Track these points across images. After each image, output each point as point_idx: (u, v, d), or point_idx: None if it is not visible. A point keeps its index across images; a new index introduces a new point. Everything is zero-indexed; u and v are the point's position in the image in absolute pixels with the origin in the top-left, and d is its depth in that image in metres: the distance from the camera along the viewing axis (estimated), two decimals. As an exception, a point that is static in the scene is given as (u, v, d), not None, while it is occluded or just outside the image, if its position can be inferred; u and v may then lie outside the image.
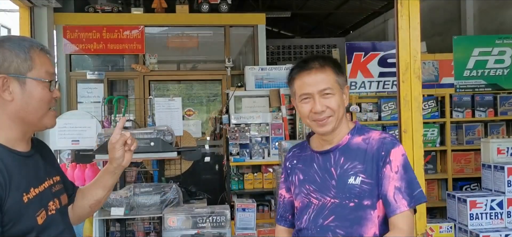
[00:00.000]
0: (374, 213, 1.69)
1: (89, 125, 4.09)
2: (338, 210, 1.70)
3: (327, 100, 1.70)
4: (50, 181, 1.61)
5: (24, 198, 1.45)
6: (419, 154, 2.39)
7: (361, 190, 1.68)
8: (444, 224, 3.71)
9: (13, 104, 1.47)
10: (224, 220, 2.99)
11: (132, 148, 1.69)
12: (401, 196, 1.65)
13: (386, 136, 1.74)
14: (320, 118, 1.71)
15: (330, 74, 1.72)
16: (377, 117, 5.17)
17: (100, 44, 5.65)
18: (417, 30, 2.34)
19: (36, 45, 1.53)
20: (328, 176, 1.75)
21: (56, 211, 1.58)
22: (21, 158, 1.52)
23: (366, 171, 1.69)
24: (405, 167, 1.69)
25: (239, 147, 5.02)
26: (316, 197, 1.76)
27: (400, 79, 2.35)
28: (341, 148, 1.75)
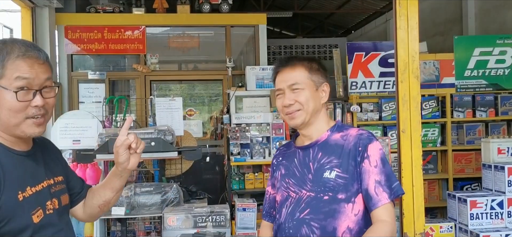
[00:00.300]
0: (348, 207, 1.76)
1: (90, 125, 4.10)
2: (313, 203, 1.78)
3: (295, 94, 1.84)
4: (50, 180, 1.62)
5: (19, 196, 1.46)
6: (417, 154, 2.40)
7: (336, 184, 1.76)
8: (445, 224, 3.71)
9: None
10: (224, 220, 3.00)
11: (138, 151, 1.67)
12: (382, 189, 1.73)
13: (363, 132, 1.83)
14: (290, 111, 1.84)
15: (301, 72, 1.86)
16: (378, 117, 5.17)
17: (102, 44, 5.66)
18: (416, 30, 2.35)
19: (19, 50, 1.49)
20: (306, 170, 1.84)
21: (54, 210, 1.58)
22: (20, 157, 1.53)
23: (341, 166, 1.77)
24: (383, 161, 1.77)
25: (240, 147, 5.02)
26: (294, 191, 1.85)
27: (399, 79, 2.36)
28: (320, 144, 1.86)
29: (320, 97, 1.87)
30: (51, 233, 1.55)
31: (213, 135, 8.43)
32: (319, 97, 1.87)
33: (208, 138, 8.03)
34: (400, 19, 2.35)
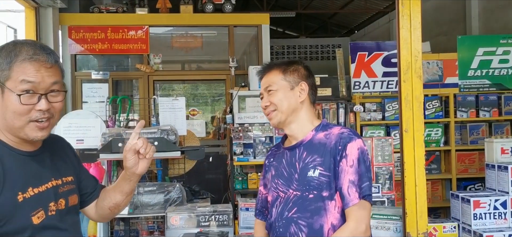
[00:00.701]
0: (332, 204, 1.82)
1: (93, 125, 4.11)
2: (300, 202, 1.85)
3: (270, 96, 1.93)
4: (58, 181, 1.61)
5: (19, 197, 1.46)
6: (420, 154, 2.40)
7: (319, 182, 1.81)
8: (448, 224, 3.70)
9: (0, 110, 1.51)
10: (227, 219, 3.01)
11: (147, 157, 1.65)
12: (354, 189, 1.78)
13: (344, 131, 1.88)
14: (267, 112, 1.96)
15: (275, 75, 1.95)
16: (381, 116, 5.16)
17: (105, 44, 5.68)
18: (418, 30, 2.35)
19: (27, 53, 1.49)
20: (293, 170, 1.90)
21: (57, 212, 1.57)
22: (24, 158, 1.53)
23: (324, 164, 1.83)
24: (359, 161, 1.81)
25: (243, 147, 5.02)
26: (282, 190, 1.92)
27: (402, 78, 2.36)
28: (305, 144, 1.90)
29: (296, 96, 1.92)
30: (52, 235, 1.54)
31: (216, 135, 8.45)
32: (295, 96, 1.92)
33: (211, 138, 8.04)
34: (403, 19, 2.35)
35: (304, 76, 1.97)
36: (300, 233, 1.82)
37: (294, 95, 1.93)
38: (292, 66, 1.98)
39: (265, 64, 2.05)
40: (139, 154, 1.64)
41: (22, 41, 1.55)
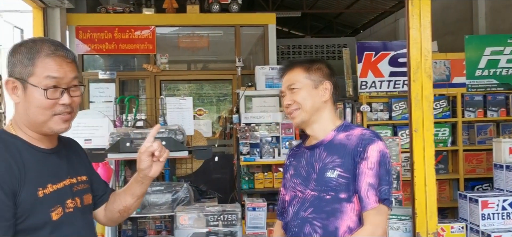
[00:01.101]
0: (350, 206, 1.78)
1: (101, 125, 4.13)
2: (316, 202, 1.82)
3: (293, 94, 1.89)
4: (72, 179, 1.63)
5: (40, 192, 1.48)
6: (430, 153, 2.39)
7: (338, 184, 1.78)
8: (456, 224, 3.68)
9: (20, 106, 1.53)
10: (235, 219, 3.01)
11: (161, 160, 1.65)
12: (373, 192, 1.75)
13: (365, 132, 1.84)
14: (290, 111, 1.91)
15: (298, 73, 1.91)
16: (388, 116, 5.15)
17: (112, 44, 5.69)
18: (428, 30, 2.34)
19: (48, 49, 1.53)
20: (312, 170, 1.87)
21: (74, 209, 1.59)
22: (42, 154, 1.55)
23: (343, 165, 1.79)
24: (379, 164, 1.77)
25: (250, 147, 5.03)
26: (300, 190, 1.89)
27: (411, 78, 2.36)
28: (325, 144, 1.88)
29: (320, 95, 1.90)
30: (70, 232, 1.56)
31: (222, 134, 8.46)
32: (319, 95, 1.90)
33: (216, 138, 8.05)
34: (412, 18, 2.34)
35: (327, 75, 1.94)
36: (315, 234, 1.80)
37: (317, 94, 1.90)
38: (316, 64, 1.94)
39: (287, 61, 2.01)
40: (154, 156, 1.64)
41: (40, 39, 1.58)
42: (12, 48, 1.56)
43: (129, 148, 3.72)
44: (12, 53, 1.54)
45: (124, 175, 4.23)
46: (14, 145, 1.50)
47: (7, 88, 1.53)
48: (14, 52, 1.54)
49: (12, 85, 1.52)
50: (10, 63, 1.53)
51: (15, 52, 1.53)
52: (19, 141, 1.52)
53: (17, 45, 1.56)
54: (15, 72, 1.51)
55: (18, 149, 1.50)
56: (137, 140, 3.73)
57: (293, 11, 8.86)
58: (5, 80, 1.52)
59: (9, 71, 1.54)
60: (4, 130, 1.57)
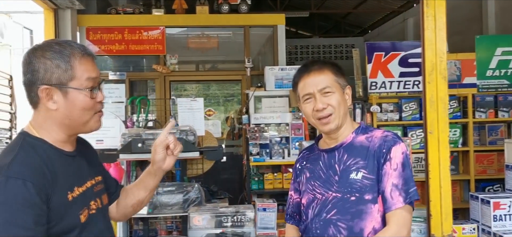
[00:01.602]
0: (375, 207, 1.77)
1: (112, 125, 4.15)
2: (340, 204, 1.80)
3: (327, 98, 1.83)
4: (92, 180, 1.65)
5: (69, 196, 1.49)
6: (445, 155, 2.38)
7: (362, 185, 1.77)
8: (467, 226, 3.66)
9: (58, 112, 1.51)
10: (248, 220, 3.01)
11: (175, 153, 1.71)
12: (398, 193, 1.74)
13: (388, 134, 1.83)
14: (323, 116, 1.82)
15: (328, 75, 1.85)
16: (398, 117, 5.13)
17: (122, 45, 5.71)
18: (443, 31, 2.33)
19: (78, 50, 1.53)
20: (332, 172, 1.85)
21: (97, 210, 1.62)
22: (67, 158, 1.57)
23: (367, 167, 1.78)
24: (404, 165, 1.76)
25: (259, 147, 5.03)
26: (320, 192, 1.86)
27: (426, 79, 2.35)
28: (345, 146, 1.86)
29: (346, 100, 1.89)
30: (95, 233, 1.58)
31: (230, 135, 8.47)
32: (346, 100, 1.88)
33: (224, 138, 8.06)
34: (427, 20, 2.33)
35: (347, 80, 1.92)
36: (339, 235, 1.78)
37: (344, 97, 1.88)
38: (336, 66, 1.91)
39: (312, 61, 1.94)
40: (168, 150, 1.70)
41: (63, 41, 1.56)
42: (33, 54, 1.51)
43: (141, 148, 3.74)
44: (36, 58, 1.49)
45: (136, 175, 4.25)
46: (42, 148, 1.49)
47: (41, 97, 1.49)
48: (38, 57, 1.49)
49: (46, 92, 1.49)
50: (39, 70, 1.48)
51: (39, 57, 1.49)
52: (45, 144, 1.51)
53: (38, 49, 1.51)
54: (52, 79, 1.48)
55: (46, 153, 1.49)
56: (148, 140, 3.75)
57: (301, 11, 8.85)
58: (41, 88, 1.48)
59: (39, 78, 1.48)
60: (27, 132, 1.54)
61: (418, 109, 5.06)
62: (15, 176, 1.37)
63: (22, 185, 1.36)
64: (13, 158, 1.41)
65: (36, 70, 1.48)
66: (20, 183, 1.36)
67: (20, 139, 1.51)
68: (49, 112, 1.51)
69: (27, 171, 1.39)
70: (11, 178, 1.36)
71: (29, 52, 1.52)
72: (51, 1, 4.69)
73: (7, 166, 1.39)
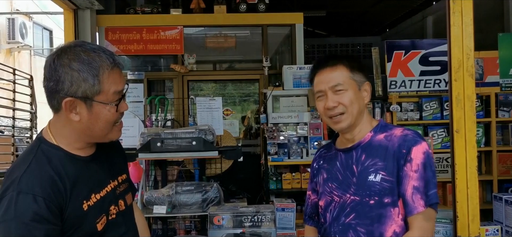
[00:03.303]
0: (395, 211, 1.69)
1: (132, 125, 4.17)
2: (359, 207, 1.73)
3: (338, 96, 1.75)
4: (114, 182, 1.62)
5: (84, 206, 1.45)
6: (472, 155, 2.32)
7: (382, 188, 1.69)
8: (491, 227, 3.59)
9: (79, 123, 1.47)
10: (269, 220, 2.99)
11: None
12: (419, 196, 1.66)
13: (408, 133, 1.73)
14: (334, 114, 1.76)
15: (342, 71, 1.76)
16: (418, 116, 5.05)
17: (140, 45, 5.73)
18: (470, 27, 2.28)
19: (107, 63, 1.45)
20: (350, 173, 1.77)
21: (117, 214, 1.58)
22: (84, 163, 1.52)
23: (386, 169, 1.70)
24: (425, 166, 1.67)
25: (277, 147, 5.00)
26: (338, 195, 1.79)
27: (453, 77, 2.29)
28: (363, 146, 1.78)
29: (362, 97, 1.80)
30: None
31: (247, 134, 8.46)
32: (362, 98, 1.79)
33: (241, 138, 8.05)
34: (454, 16, 2.28)
35: (366, 76, 1.83)
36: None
37: (361, 96, 1.79)
38: (357, 62, 1.82)
39: (325, 57, 1.85)
40: None
41: (92, 49, 1.47)
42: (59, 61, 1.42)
43: (160, 148, 3.75)
44: (62, 67, 1.42)
45: (154, 175, 4.26)
46: (57, 156, 1.45)
47: (65, 108, 1.44)
48: (64, 66, 1.42)
49: (70, 104, 1.44)
50: (65, 81, 1.42)
51: (65, 66, 1.42)
52: (61, 152, 1.47)
53: (64, 56, 1.43)
54: (78, 92, 1.42)
55: (61, 162, 1.45)
56: (167, 140, 3.76)
57: (317, 11, 8.78)
58: (65, 100, 1.42)
59: (64, 89, 1.42)
60: (45, 138, 1.50)
61: (439, 108, 4.98)
62: (25, 191, 1.34)
63: (33, 200, 1.33)
64: (25, 171, 1.38)
65: (61, 80, 1.41)
66: (31, 199, 1.33)
67: (35, 146, 1.48)
68: (70, 122, 1.47)
69: (38, 185, 1.36)
70: (22, 193, 1.34)
71: (54, 57, 1.44)
72: (71, 1, 4.72)
73: (18, 180, 1.36)
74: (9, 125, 7.46)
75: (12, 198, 1.33)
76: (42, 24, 13.20)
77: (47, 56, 1.49)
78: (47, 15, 12.47)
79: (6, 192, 1.36)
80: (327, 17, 9.91)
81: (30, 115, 7.55)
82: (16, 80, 7.33)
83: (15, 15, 11.71)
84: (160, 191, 3.75)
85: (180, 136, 3.72)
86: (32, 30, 12.04)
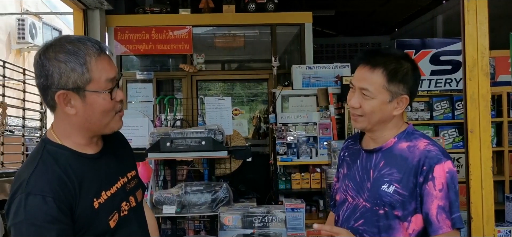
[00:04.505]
0: (403, 225, 1.64)
1: (141, 124, 4.18)
2: (368, 215, 1.69)
3: (363, 99, 1.69)
4: (124, 179, 1.60)
5: (95, 203, 1.44)
6: (487, 155, 2.29)
7: (393, 200, 1.64)
8: (503, 228, 3.56)
9: (77, 117, 1.45)
10: (279, 220, 2.97)
11: None
12: (445, 216, 1.59)
13: (431, 148, 1.65)
14: (353, 112, 1.73)
15: (378, 78, 1.66)
16: (429, 116, 5.00)
17: (149, 44, 5.74)
18: (485, 25, 2.24)
19: (93, 50, 1.43)
20: (366, 176, 1.74)
21: (129, 211, 1.56)
22: (91, 161, 1.50)
23: (401, 182, 1.64)
24: (449, 185, 1.60)
25: (286, 147, 4.98)
26: (352, 195, 1.77)
27: (467, 76, 2.26)
28: (384, 151, 1.72)
29: (392, 108, 1.69)
30: (125, 235, 1.53)
31: (255, 134, 8.44)
32: (391, 108, 1.69)
33: (249, 137, 8.04)
34: (468, 14, 2.24)
35: (410, 87, 1.70)
36: None
37: (390, 106, 1.69)
38: (401, 72, 1.67)
39: (372, 51, 1.75)
40: None
41: (76, 39, 1.45)
42: (45, 55, 1.40)
43: (170, 147, 3.74)
44: (48, 61, 1.39)
45: (164, 175, 4.26)
46: (63, 156, 1.44)
47: (59, 102, 1.42)
48: (50, 59, 1.39)
49: (63, 97, 1.42)
50: (53, 74, 1.40)
51: (52, 59, 1.39)
52: (67, 151, 1.46)
53: (49, 50, 1.40)
54: (68, 83, 1.39)
55: (68, 161, 1.43)
56: (177, 140, 3.75)
57: (326, 10, 8.75)
58: (58, 94, 1.40)
59: (54, 83, 1.40)
60: (49, 139, 1.48)
61: (450, 108, 4.93)
62: (34, 193, 1.33)
63: (42, 201, 1.32)
64: (32, 172, 1.37)
65: (50, 74, 1.39)
66: (40, 199, 1.32)
67: (41, 147, 1.46)
68: (68, 117, 1.45)
69: (46, 185, 1.35)
70: (31, 194, 1.33)
71: (40, 53, 1.42)
72: (81, 1, 4.74)
73: (26, 182, 1.35)
74: (19, 125, 7.50)
75: (21, 201, 1.32)
76: (52, 24, 13.29)
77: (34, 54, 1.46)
78: (57, 15, 12.53)
79: (15, 195, 1.35)
80: (335, 17, 9.88)
81: (39, 115, 7.60)
82: (26, 80, 7.38)
83: (25, 15, 11.80)
84: (170, 191, 3.75)
85: (189, 136, 3.71)
86: (41, 30, 12.11)
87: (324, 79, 5.21)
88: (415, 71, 1.73)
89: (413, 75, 1.71)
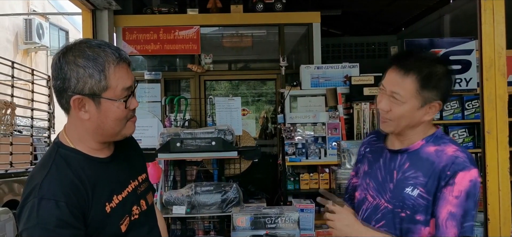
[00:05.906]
0: (425, 230, 1.62)
1: (151, 125, 4.18)
2: (390, 216, 1.67)
3: (392, 103, 1.66)
4: (135, 182, 1.60)
5: (107, 208, 1.44)
6: (504, 156, 2.26)
7: (416, 203, 1.62)
8: (516, 230, 3.51)
9: (90, 122, 1.45)
10: (293, 221, 2.96)
11: None
12: (454, 223, 1.56)
13: (459, 155, 1.61)
14: (382, 115, 1.70)
15: (411, 84, 1.62)
16: (439, 116, 4.97)
17: (157, 45, 5.73)
18: (502, 25, 2.22)
19: (112, 57, 1.43)
20: (389, 177, 1.70)
21: (140, 214, 1.56)
22: (104, 165, 1.50)
23: (426, 186, 1.62)
24: (468, 195, 1.56)
25: (295, 147, 4.97)
26: (373, 195, 1.74)
27: (484, 77, 2.23)
28: (410, 152, 1.69)
29: (422, 114, 1.66)
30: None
31: (262, 134, 8.44)
32: (421, 114, 1.66)
33: (256, 138, 8.04)
34: (485, 13, 2.22)
35: (443, 92, 1.67)
36: None
37: (420, 112, 1.66)
38: (435, 77, 1.63)
39: (407, 53, 1.72)
40: None
41: (98, 45, 1.45)
42: (65, 59, 1.41)
43: (180, 148, 3.74)
44: (67, 64, 1.40)
45: (173, 175, 4.26)
46: (76, 160, 1.44)
47: (73, 106, 1.42)
48: (69, 63, 1.40)
49: (78, 102, 1.42)
50: (71, 78, 1.40)
51: (71, 63, 1.40)
52: (80, 155, 1.46)
53: (69, 53, 1.41)
54: (85, 89, 1.40)
55: (81, 165, 1.43)
56: (187, 140, 3.75)
57: (333, 10, 8.72)
58: (73, 98, 1.41)
59: (70, 87, 1.40)
60: (62, 142, 1.48)
61: (460, 108, 4.90)
62: (47, 197, 1.32)
63: (55, 205, 1.31)
64: (45, 176, 1.37)
65: (67, 78, 1.40)
66: (53, 204, 1.31)
67: (53, 151, 1.46)
68: (81, 121, 1.45)
69: (59, 190, 1.34)
70: (44, 199, 1.32)
71: (60, 55, 1.42)
72: (89, 2, 4.74)
73: (39, 186, 1.34)
74: (27, 125, 7.53)
75: (34, 205, 1.31)
76: (58, 24, 13.33)
77: (53, 55, 1.46)
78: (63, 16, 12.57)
79: (27, 199, 1.34)
80: (341, 16, 9.85)
81: (48, 115, 7.61)
82: (34, 81, 7.40)
83: (32, 16, 11.84)
84: (179, 192, 3.75)
85: (199, 136, 3.71)
86: (48, 30, 12.15)
87: (333, 79, 5.19)
88: (450, 75, 1.69)
89: (447, 80, 1.67)
